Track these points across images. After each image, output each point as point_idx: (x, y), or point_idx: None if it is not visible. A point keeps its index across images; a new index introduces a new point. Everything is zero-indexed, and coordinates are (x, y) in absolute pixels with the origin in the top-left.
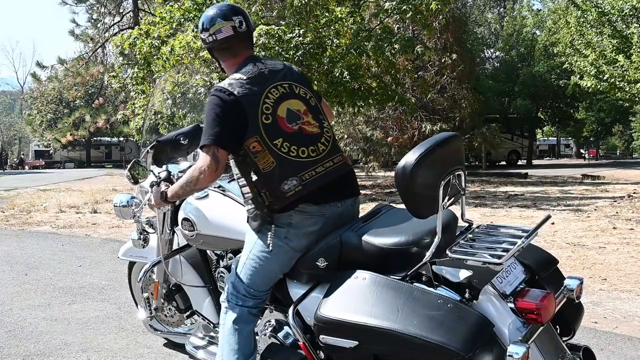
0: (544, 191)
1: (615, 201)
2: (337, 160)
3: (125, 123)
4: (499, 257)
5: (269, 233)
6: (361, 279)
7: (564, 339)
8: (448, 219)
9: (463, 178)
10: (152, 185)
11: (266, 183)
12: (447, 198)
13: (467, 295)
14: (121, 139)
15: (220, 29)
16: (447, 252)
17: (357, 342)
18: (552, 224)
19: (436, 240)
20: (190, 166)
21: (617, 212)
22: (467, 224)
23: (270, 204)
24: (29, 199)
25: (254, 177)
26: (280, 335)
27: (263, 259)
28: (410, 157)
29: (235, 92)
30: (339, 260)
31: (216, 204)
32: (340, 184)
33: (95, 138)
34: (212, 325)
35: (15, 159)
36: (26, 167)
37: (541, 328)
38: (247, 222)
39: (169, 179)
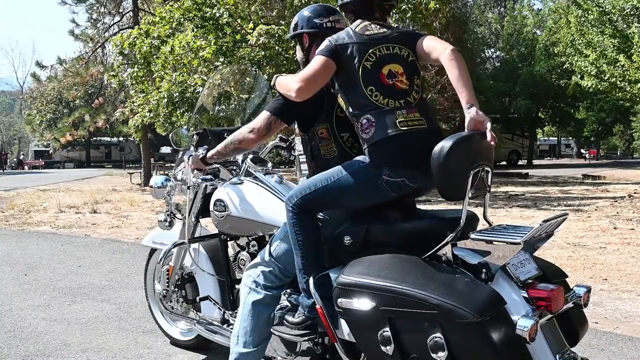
0: (545, 191)
1: (616, 201)
2: None
3: (124, 122)
4: (519, 237)
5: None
6: (382, 254)
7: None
8: (471, 215)
9: (490, 176)
10: (189, 157)
11: (322, 166)
12: (473, 188)
13: (483, 276)
14: (121, 139)
15: (338, 20)
16: (469, 234)
17: (374, 304)
18: None
19: (461, 222)
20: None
21: (617, 212)
22: (487, 225)
23: None
24: (29, 199)
25: (314, 159)
26: (291, 315)
27: None
28: (447, 142)
29: None
30: (364, 239)
31: (250, 190)
32: None
33: (94, 138)
34: (222, 311)
35: (14, 159)
36: (25, 167)
37: (549, 315)
38: None
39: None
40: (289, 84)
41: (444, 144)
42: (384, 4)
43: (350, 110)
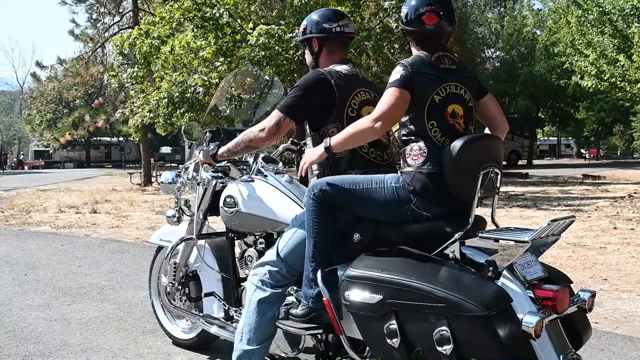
0: (545, 191)
1: (616, 201)
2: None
3: (124, 122)
4: (527, 236)
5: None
6: (391, 250)
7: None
8: (479, 218)
9: (499, 178)
10: (201, 151)
11: (333, 166)
12: (483, 189)
13: (489, 274)
14: (121, 139)
15: (347, 24)
16: (477, 234)
17: (381, 297)
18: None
19: (470, 220)
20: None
21: (617, 212)
22: (495, 227)
23: None
24: (29, 199)
25: (325, 158)
26: (295, 308)
27: (305, 239)
28: (459, 141)
29: (331, 79)
30: (373, 238)
31: (260, 188)
32: None
33: (94, 138)
34: (227, 307)
35: (14, 159)
36: (25, 167)
37: (554, 316)
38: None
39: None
40: (364, 126)
41: (455, 144)
42: (450, 33)
43: (403, 134)
